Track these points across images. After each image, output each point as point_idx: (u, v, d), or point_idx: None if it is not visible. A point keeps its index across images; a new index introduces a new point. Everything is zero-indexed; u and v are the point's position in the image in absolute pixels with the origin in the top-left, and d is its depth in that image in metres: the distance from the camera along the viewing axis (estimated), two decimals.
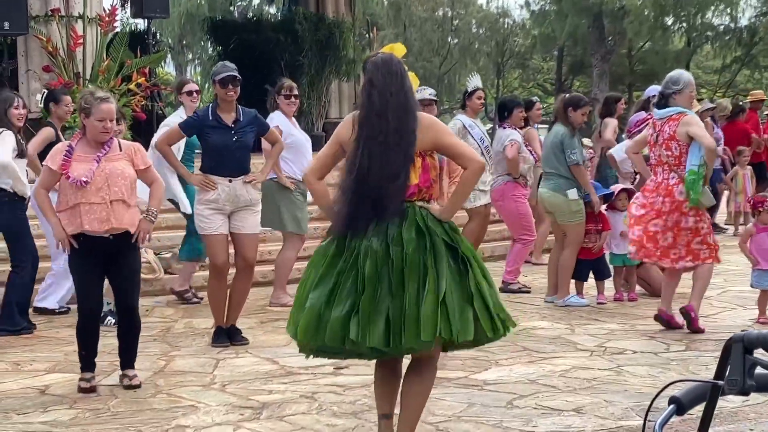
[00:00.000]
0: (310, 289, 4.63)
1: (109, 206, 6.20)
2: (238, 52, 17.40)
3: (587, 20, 37.55)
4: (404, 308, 4.51)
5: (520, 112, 10.27)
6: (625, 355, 7.17)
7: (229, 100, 7.61)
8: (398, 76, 4.77)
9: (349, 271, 4.59)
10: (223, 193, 7.53)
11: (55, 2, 12.78)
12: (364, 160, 4.61)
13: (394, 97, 4.69)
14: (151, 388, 6.42)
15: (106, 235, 6.24)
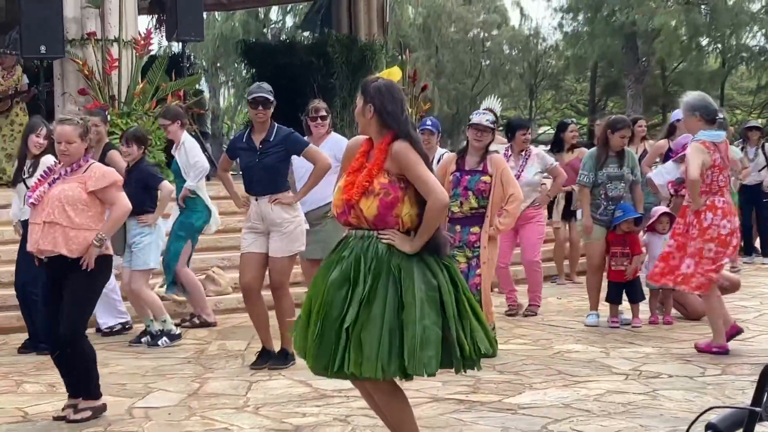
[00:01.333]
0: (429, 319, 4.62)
1: (41, 228, 6.15)
2: (271, 74, 17.46)
3: (620, 41, 37.46)
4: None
5: (523, 135, 10.12)
6: (661, 378, 7.11)
7: (259, 120, 7.63)
8: (400, 103, 4.81)
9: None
10: (253, 212, 7.62)
11: (91, 26, 12.92)
12: None
13: (401, 124, 4.79)
14: (185, 411, 6.43)
15: (41, 257, 6.22)
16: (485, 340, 4.70)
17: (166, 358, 8.06)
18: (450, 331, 4.59)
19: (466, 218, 7.79)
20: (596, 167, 9.11)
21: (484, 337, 4.69)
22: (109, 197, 6.31)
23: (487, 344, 4.72)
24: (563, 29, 41.98)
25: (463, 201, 7.78)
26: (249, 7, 34.11)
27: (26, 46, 12.85)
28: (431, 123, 9.84)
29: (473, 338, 4.65)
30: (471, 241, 7.76)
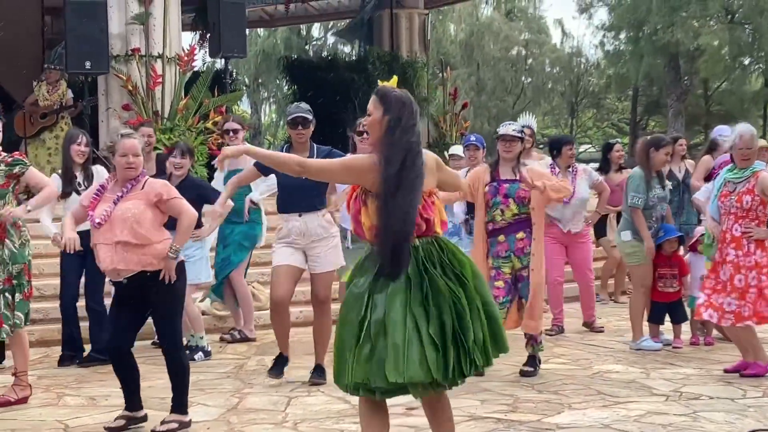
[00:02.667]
0: (421, 329, 4.57)
1: (113, 248, 6.17)
2: (312, 90, 17.59)
3: (663, 60, 37.27)
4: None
5: (569, 150, 10.19)
6: (701, 400, 7.04)
7: (299, 140, 7.67)
8: (416, 115, 4.83)
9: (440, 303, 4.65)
10: (294, 229, 7.59)
11: (135, 42, 13.04)
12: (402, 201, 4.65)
13: (417, 137, 4.79)
14: (224, 426, 6.46)
15: (119, 279, 6.26)
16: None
17: (206, 373, 8.10)
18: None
19: (509, 225, 7.80)
20: (646, 189, 9.00)
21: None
22: (177, 207, 6.35)
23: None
24: (605, 48, 41.84)
25: (504, 209, 7.79)
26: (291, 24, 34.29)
27: (71, 61, 12.98)
28: (475, 138, 9.93)
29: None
30: (519, 248, 7.78)
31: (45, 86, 13.90)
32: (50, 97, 13.82)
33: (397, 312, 4.58)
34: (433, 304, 4.61)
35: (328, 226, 7.73)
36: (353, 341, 4.64)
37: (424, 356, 4.52)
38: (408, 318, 4.57)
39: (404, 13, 20.33)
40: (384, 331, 4.57)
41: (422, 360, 4.51)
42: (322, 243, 7.67)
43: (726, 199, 7.88)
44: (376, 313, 4.63)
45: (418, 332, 4.55)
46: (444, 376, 4.57)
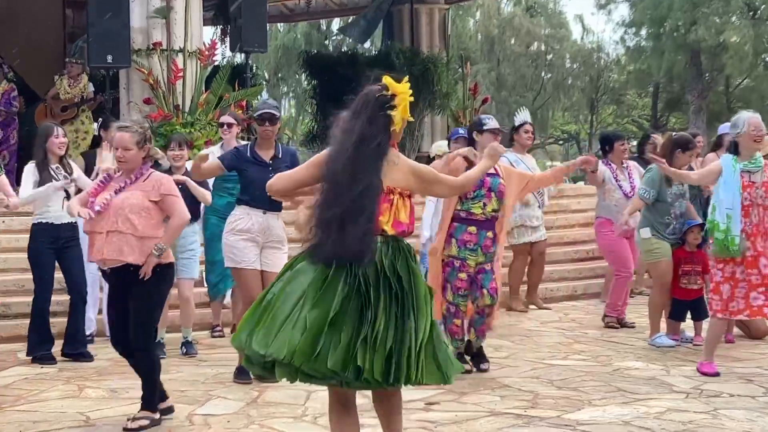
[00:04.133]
0: (303, 309, 4.53)
1: (104, 237, 6.19)
2: (332, 85, 17.57)
3: (684, 57, 37.10)
4: (406, 342, 4.56)
5: (621, 145, 10.20)
6: (722, 398, 7.02)
7: (265, 137, 7.64)
8: (363, 107, 4.94)
9: (353, 296, 4.57)
10: (256, 224, 7.53)
11: (157, 36, 13.07)
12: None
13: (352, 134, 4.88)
14: (244, 419, 6.48)
15: (104, 268, 6.30)
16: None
17: (226, 366, 8.11)
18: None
19: (486, 221, 7.76)
20: (664, 187, 8.98)
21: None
22: (170, 206, 6.37)
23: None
24: (625, 44, 41.69)
25: (487, 202, 7.76)
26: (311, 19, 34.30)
27: (93, 55, 13.03)
28: (464, 131, 10.03)
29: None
30: (486, 245, 7.76)
31: (66, 80, 13.96)
32: (71, 91, 13.88)
33: (294, 288, 4.60)
34: (330, 291, 4.55)
35: (284, 231, 7.72)
36: (250, 309, 4.71)
37: (293, 337, 4.47)
38: (302, 298, 4.55)
39: (424, 8, 20.31)
40: (276, 303, 4.59)
41: (288, 340, 4.46)
42: (278, 245, 7.64)
43: (752, 189, 7.78)
44: (276, 286, 4.69)
45: (300, 313, 4.52)
46: (308, 364, 4.46)
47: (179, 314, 8.99)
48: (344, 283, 4.57)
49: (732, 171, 7.72)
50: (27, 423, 6.42)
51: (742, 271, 7.67)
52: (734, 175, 7.71)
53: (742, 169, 7.74)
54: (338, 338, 4.49)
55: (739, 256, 7.59)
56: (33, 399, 7.12)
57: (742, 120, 7.83)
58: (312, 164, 4.96)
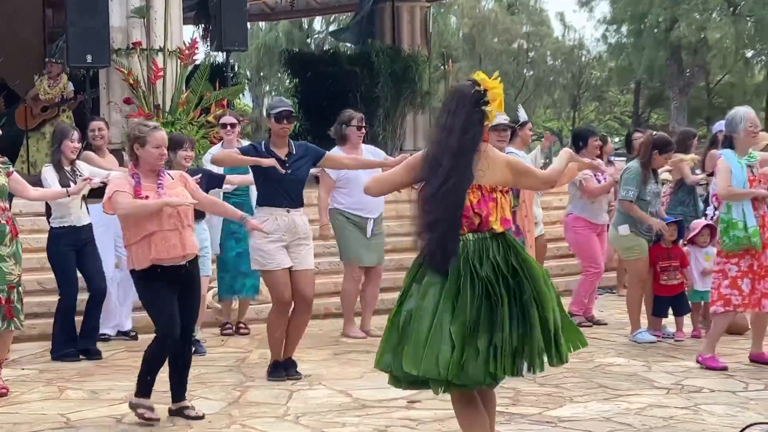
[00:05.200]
0: (443, 323, 4.55)
1: (180, 233, 6.27)
2: (314, 83, 17.56)
3: (665, 53, 37.23)
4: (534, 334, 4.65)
5: (595, 141, 10.20)
6: (703, 393, 7.05)
7: (282, 135, 7.65)
8: (459, 105, 4.87)
9: (483, 302, 4.61)
10: (282, 224, 7.50)
11: (136, 35, 13.00)
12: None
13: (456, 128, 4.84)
14: (226, 419, 6.47)
15: (182, 263, 6.31)
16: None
17: (208, 366, 8.10)
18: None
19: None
20: (641, 184, 9.01)
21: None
22: (201, 196, 6.66)
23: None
24: (607, 40, 41.81)
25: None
26: (293, 18, 34.28)
27: (72, 54, 12.96)
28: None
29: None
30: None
31: (46, 80, 13.89)
32: (51, 91, 13.82)
33: (428, 303, 4.59)
34: (463, 300, 4.58)
35: (308, 226, 7.75)
36: (387, 327, 4.74)
37: (443, 352, 4.51)
38: (438, 311, 4.56)
39: (406, 6, 20.28)
40: (413, 321, 4.59)
41: (437, 357, 4.51)
42: (305, 241, 7.63)
43: (758, 185, 7.86)
44: (409, 303, 4.66)
45: (441, 327, 4.54)
46: (457, 377, 4.53)
47: None
48: (472, 290, 4.60)
49: (740, 167, 7.79)
50: (7, 425, 6.39)
51: (759, 265, 7.78)
52: (742, 170, 7.80)
53: (745, 164, 7.82)
54: (476, 348, 4.55)
55: (760, 248, 7.70)
56: (14, 401, 7.08)
57: (739, 116, 7.87)
58: (409, 166, 4.96)
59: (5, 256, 7.12)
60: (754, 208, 7.76)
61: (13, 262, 7.16)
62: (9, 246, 7.16)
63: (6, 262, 7.12)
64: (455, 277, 4.62)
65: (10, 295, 7.13)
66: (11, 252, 7.16)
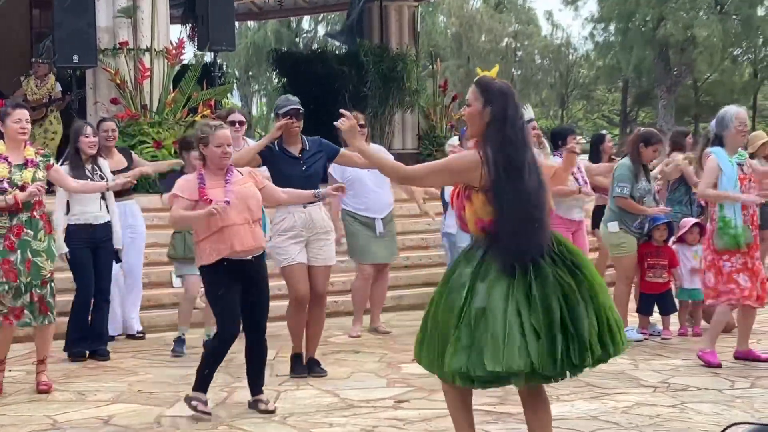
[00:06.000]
0: (523, 317, 4.47)
1: (251, 226, 6.41)
2: (302, 83, 17.55)
3: (652, 52, 37.31)
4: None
5: (574, 140, 10.18)
6: (689, 391, 7.07)
7: (293, 133, 7.68)
8: (519, 107, 4.78)
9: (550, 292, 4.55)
10: (299, 220, 7.53)
11: (123, 35, 13.00)
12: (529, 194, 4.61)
13: (523, 128, 4.72)
14: (214, 419, 6.45)
15: (249, 257, 6.42)
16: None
17: (195, 367, 8.06)
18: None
19: None
20: (633, 180, 9.05)
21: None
22: (271, 189, 6.85)
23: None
24: (594, 39, 41.88)
25: None
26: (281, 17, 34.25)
27: (59, 55, 12.96)
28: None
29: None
30: None
31: (33, 80, 13.86)
32: (39, 91, 13.78)
33: (497, 300, 4.50)
34: (538, 292, 4.50)
35: (327, 219, 7.78)
36: (452, 329, 4.58)
37: (525, 345, 4.42)
38: (510, 306, 4.48)
39: (394, 5, 20.28)
40: (484, 319, 4.50)
41: (522, 348, 4.42)
42: (324, 236, 7.66)
43: (748, 183, 7.92)
44: (477, 301, 4.54)
45: (520, 320, 4.45)
46: (549, 366, 4.46)
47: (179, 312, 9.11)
48: (544, 282, 4.52)
49: (730, 165, 7.83)
50: None
51: (750, 262, 7.84)
52: (733, 168, 7.84)
53: (736, 161, 7.86)
54: (568, 336, 4.48)
55: (743, 246, 7.77)
56: (0, 402, 7.07)
57: (729, 115, 7.90)
58: (456, 169, 4.75)
59: (40, 251, 7.17)
60: (743, 207, 7.82)
61: (45, 257, 7.20)
62: (43, 241, 7.21)
63: (40, 257, 7.16)
64: (523, 272, 4.54)
65: (42, 290, 7.18)
66: (44, 248, 7.21)
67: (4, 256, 7.09)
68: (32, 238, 7.14)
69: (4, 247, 7.09)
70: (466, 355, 4.51)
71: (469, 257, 4.73)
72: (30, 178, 7.17)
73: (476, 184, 4.64)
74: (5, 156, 7.22)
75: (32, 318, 7.18)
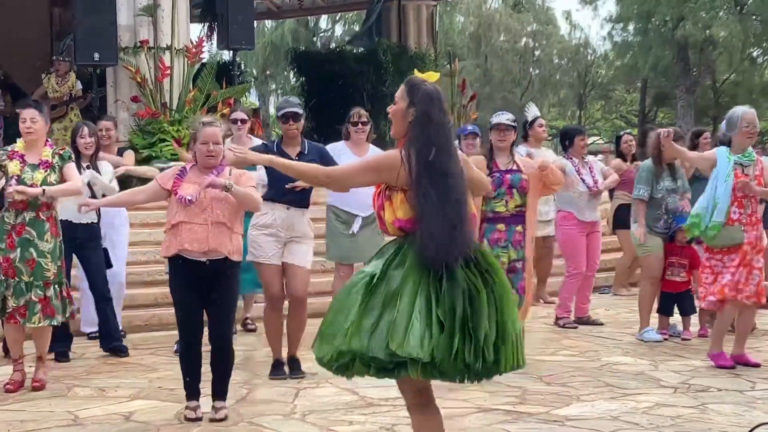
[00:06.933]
0: (432, 306, 4.42)
1: (208, 228, 6.22)
2: (320, 82, 17.58)
3: (671, 52, 37.19)
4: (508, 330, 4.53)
5: (582, 140, 10.17)
6: (710, 392, 7.05)
7: (291, 135, 7.68)
8: (446, 111, 4.71)
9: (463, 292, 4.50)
10: (279, 219, 7.53)
11: (143, 34, 13.05)
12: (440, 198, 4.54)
13: (448, 132, 4.65)
14: (234, 416, 6.47)
15: (203, 259, 6.25)
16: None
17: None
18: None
19: (511, 216, 7.83)
20: (653, 181, 9.04)
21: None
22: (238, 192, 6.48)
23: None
24: (613, 39, 41.77)
25: (509, 199, 7.82)
26: (299, 16, 34.29)
27: (80, 53, 13.01)
28: (473, 127, 10.29)
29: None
30: (517, 240, 7.82)
31: (54, 78, 13.92)
32: (59, 89, 13.84)
33: (409, 287, 4.46)
34: (447, 291, 4.46)
35: (309, 228, 7.74)
36: (355, 310, 4.48)
37: (428, 334, 4.36)
38: (419, 295, 4.43)
39: (412, 4, 20.31)
40: (393, 303, 4.45)
41: (424, 336, 4.36)
42: (303, 239, 7.64)
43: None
44: (389, 285, 4.50)
45: (429, 310, 4.41)
46: (446, 360, 4.38)
47: None
48: (454, 282, 4.47)
49: (726, 162, 7.81)
50: (15, 422, 6.41)
51: (744, 261, 7.79)
52: (728, 166, 7.81)
53: (736, 161, 7.81)
54: (467, 337, 4.40)
55: (725, 245, 7.76)
56: (21, 398, 7.10)
57: (737, 116, 7.89)
58: (377, 168, 4.75)
59: (45, 252, 7.20)
60: (741, 206, 7.78)
61: (49, 259, 7.21)
62: (49, 242, 7.22)
63: (45, 258, 7.20)
64: (436, 272, 4.48)
65: (46, 291, 7.20)
66: (50, 249, 7.22)
67: (4, 254, 7.14)
68: (36, 238, 7.16)
69: (6, 245, 7.15)
70: (367, 336, 4.43)
71: (384, 251, 4.69)
72: (41, 180, 7.18)
73: (396, 184, 4.63)
74: (22, 154, 7.26)
75: (31, 319, 7.19)
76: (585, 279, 10.07)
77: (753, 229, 7.84)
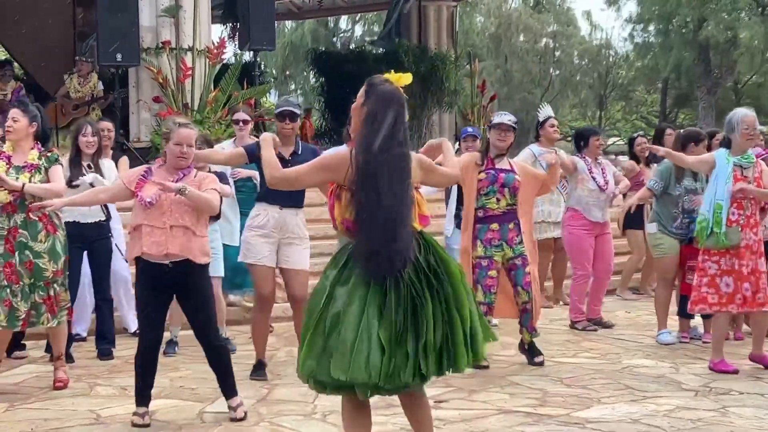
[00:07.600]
0: (371, 328, 4.45)
1: (168, 231, 6.14)
2: (340, 83, 17.60)
3: (692, 53, 37.07)
4: (457, 333, 4.56)
5: (597, 141, 10.14)
6: (731, 395, 7.03)
7: (285, 134, 7.67)
8: (403, 115, 4.73)
9: (408, 305, 4.51)
10: (271, 220, 7.53)
11: (166, 35, 13.12)
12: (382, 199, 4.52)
13: (395, 133, 4.62)
14: (254, 417, 6.50)
15: (165, 262, 6.18)
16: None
17: (236, 364, 8.05)
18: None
19: (503, 215, 7.94)
20: (673, 180, 9.00)
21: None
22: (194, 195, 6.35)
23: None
24: (634, 40, 41.65)
25: (500, 198, 7.95)
26: (319, 17, 34.35)
27: (102, 53, 13.08)
28: (473, 129, 10.35)
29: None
30: (510, 237, 7.93)
31: (76, 78, 14.01)
32: (81, 89, 13.93)
33: (354, 307, 4.48)
34: (389, 304, 4.47)
35: (303, 227, 7.72)
36: (308, 333, 4.58)
37: (369, 358, 4.41)
38: (364, 316, 4.46)
39: (432, 5, 20.31)
40: (339, 326, 4.47)
41: (367, 362, 4.41)
42: (297, 241, 7.64)
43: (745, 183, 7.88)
44: (335, 307, 4.52)
45: (370, 331, 4.44)
46: (387, 381, 4.45)
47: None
48: (397, 293, 4.49)
49: (725, 164, 7.81)
50: (38, 421, 6.45)
51: (740, 264, 7.76)
52: (727, 167, 7.80)
53: (735, 163, 7.80)
54: (405, 351, 4.46)
55: (724, 246, 7.72)
56: (44, 397, 7.15)
57: (737, 118, 7.88)
58: (328, 166, 4.78)
59: (41, 252, 7.19)
60: (740, 207, 7.77)
61: (47, 258, 7.22)
62: (44, 242, 7.21)
63: (41, 258, 7.19)
64: (380, 282, 4.51)
65: (48, 291, 7.22)
66: (46, 248, 7.21)
67: (7, 259, 7.15)
68: (30, 240, 7.16)
69: (5, 250, 7.15)
70: (316, 359, 4.53)
71: (337, 259, 4.69)
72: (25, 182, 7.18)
73: (344, 183, 4.63)
74: (8, 156, 7.27)
75: (39, 319, 7.22)
76: (599, 282, 10.04)
77: (751, 231, 7.81)
